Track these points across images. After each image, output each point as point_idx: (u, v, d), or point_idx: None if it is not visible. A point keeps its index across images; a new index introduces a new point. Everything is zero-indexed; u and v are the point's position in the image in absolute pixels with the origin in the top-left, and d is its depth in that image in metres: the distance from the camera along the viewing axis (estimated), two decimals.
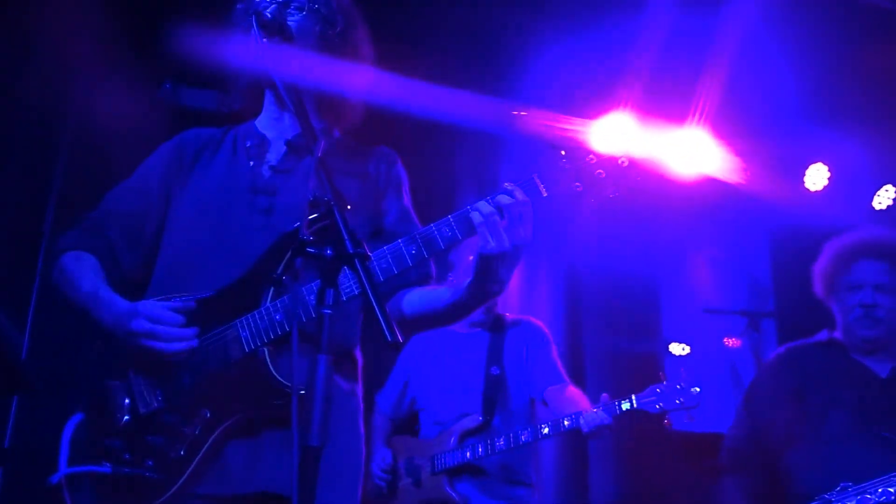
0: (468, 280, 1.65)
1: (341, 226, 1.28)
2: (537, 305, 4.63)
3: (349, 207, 1.33)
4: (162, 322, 1.62)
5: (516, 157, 4.84)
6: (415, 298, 1.80)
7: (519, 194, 1.56)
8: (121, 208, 1.87)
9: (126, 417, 1.65)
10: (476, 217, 1.55)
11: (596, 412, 2.91)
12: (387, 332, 1.20)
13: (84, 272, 1.77)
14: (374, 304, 1.21)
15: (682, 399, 2.84)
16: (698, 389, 2.82)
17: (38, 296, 3.48)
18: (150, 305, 1.65)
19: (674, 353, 5.34)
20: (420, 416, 3.38)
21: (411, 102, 3.59)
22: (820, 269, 2.91)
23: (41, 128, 3.70)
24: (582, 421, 2.92)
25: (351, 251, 1.25)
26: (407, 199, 1.92)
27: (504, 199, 1.55)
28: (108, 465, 1.61)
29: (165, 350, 1.62)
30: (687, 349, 5.30)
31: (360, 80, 1.90)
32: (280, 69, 1.60)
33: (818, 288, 2.93)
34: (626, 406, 2.90)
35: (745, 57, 4.17)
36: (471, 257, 3.13)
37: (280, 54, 1.62)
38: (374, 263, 1.58)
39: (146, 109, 3.66)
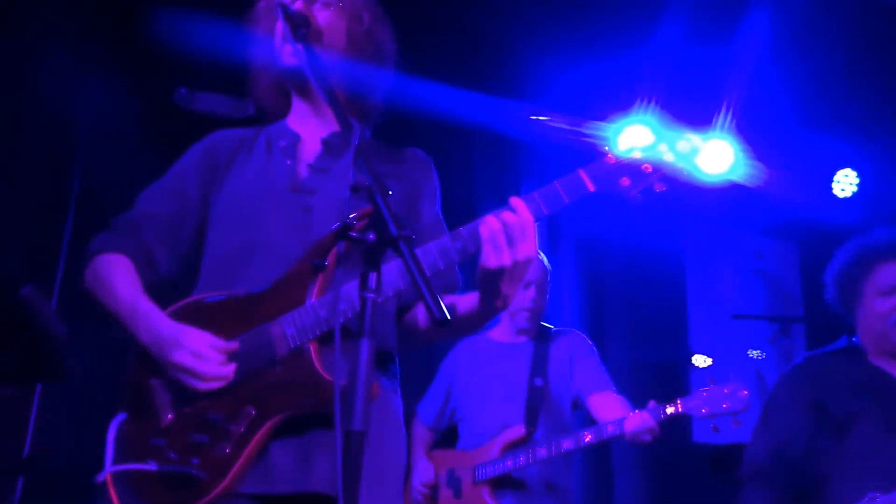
0: (476, 294, 1.64)
1: (383, 209, 1.26)
2: (560, 315, 4.57)
3: (391, 193, 1.31)
4: (204, 359, 1.59)
5: (536, 163, 4.81)
6: None
7: (522, 210, 1.54)
8: (155, 210, 1.84)
9: (170, 416, 1.64)
10: (484, 231, 1.54)
11: (640, 415, 2.84)
12: (434, 310, 1.18)
13: (121, 279, 1.73)
14: (420, 283, 1.20)
15: (728, 403, 2.76)
16: (746, 392, 2.73)
17: (59, 299, 3.51)
18: (195, 338, 1.61)
19: (697, 364, 5.25)
20: (459, 426, 3.31)
21: (429, 106, 3.56)
22: (836, 275, 2.82)
23: (56, 130, 3.72)
24: (626, 424, 2.85)
25: (395, 234, 1.24)
26: (438, 208, 1.91)
27: (508, 215, 1.54)
28: (153, 463, 1.59)
29: (200, 387, 1.60)
30: (709, 361, 5.21)
31: (384, 77, 1.88)
32: (308, 62, 1.59)
33: (833, 294, 2.83)
34: (670, 410, 2.82)
35: (771, 62, 4.12)
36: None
37: (307, 48, 1.62)
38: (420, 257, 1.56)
39: (157, 111, 3.67)
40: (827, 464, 2.62)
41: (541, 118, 4.25)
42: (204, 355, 1.59)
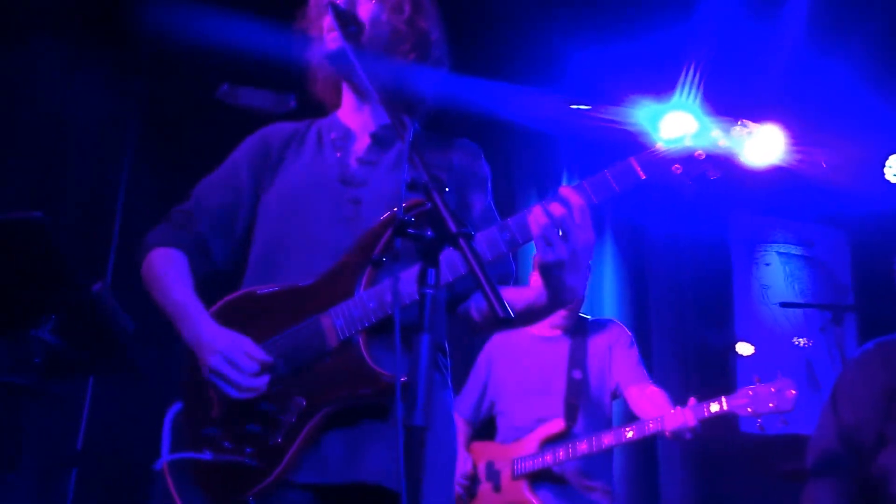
0: (540, 288, 1.61)
1: (441, 206, 1.26)
2: (602, 303, 4.52)
3: (447, 189, 1.30)
4: (238, 368, 1.62)
5: (577, 153, 4.75)
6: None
7: (574, 199, 1.51)
8: (210, 202, 1.88)
9: (224, 406, 1.67)
10: (534, 226, 1.51)
11: (682, 412, 2.79)
12: (497, 308, 1.17)
13: (173, 276, 1.78)
14: (483, 280, 1.18)
15: (775, 402, 2.68)
16: (794, 392, 2.65)
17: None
18: (231, 343, 1.63)
19: (741, 352, 5.15)
20: (497, 420, 3.30)
21: (467, 99, 3.55)
22: None
23: (103, 130, 3.80)
24: (666, 422, 2.82)
25: (454, 230, 1.23)
26: (490, 197, 1.89)
27: (556, 207, 1.50)
28: (208, 452, 1.64)
29: (230, 394, 1.63)
30: (752, 349, 5.11)
31: (431, 68, 1.88)
32: (358, 58, 1.60)
33: None
34: (714, 408, 2.77)
35: (819, 43, 4.01)
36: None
37: (356, 44, 1.63)
38: None
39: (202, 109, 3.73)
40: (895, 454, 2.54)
41: (581, 108, 4.20)
42: (238, 364, 1.61)
